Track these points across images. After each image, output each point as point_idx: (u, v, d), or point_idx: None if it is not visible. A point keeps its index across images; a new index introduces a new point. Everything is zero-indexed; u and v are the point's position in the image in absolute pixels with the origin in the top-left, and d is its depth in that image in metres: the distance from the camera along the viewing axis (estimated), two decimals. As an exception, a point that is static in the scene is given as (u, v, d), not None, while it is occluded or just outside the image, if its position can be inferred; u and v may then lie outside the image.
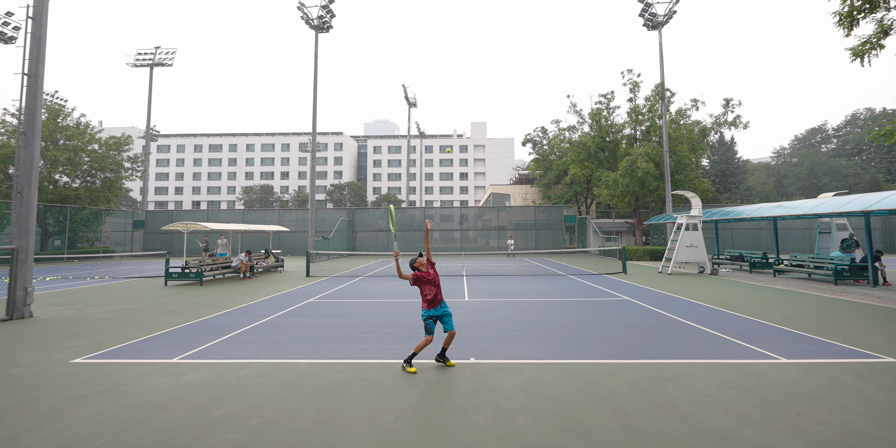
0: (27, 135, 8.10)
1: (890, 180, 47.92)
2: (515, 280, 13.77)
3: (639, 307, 8.68)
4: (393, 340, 6.06)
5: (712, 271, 15.57)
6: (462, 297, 10.03)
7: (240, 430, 3.30)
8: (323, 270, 17.85)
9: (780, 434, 3.16)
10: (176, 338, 6.32)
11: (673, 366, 4.81)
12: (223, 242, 18.47)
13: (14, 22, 22.96)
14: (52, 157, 24.47)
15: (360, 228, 31.85)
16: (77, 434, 3.25)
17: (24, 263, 7.83)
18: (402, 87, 40.34)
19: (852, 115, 62.63)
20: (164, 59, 32.60)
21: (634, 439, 3.10)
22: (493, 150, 77.06)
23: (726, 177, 48.09)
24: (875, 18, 8.12)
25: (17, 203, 7.94)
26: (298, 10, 22.82)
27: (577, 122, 29.51)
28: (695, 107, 26.12)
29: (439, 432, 3.24)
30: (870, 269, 11.57)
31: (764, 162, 71.99)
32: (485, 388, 4.17)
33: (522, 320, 7.41)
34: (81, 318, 7.82)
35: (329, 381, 4.38)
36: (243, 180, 74.27)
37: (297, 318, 7.72)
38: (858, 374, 4.49)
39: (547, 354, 5.31)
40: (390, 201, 60.00)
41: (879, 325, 6.81)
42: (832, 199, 12.31)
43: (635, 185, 23.45)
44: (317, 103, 23.81)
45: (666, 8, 22.41)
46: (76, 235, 26.85)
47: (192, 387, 4.25)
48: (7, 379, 4.52)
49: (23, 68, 8.47)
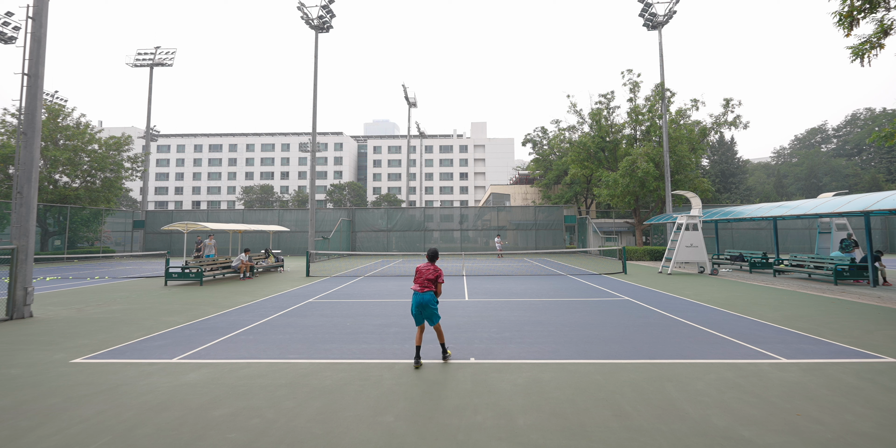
0: (27, 135, 8.10)
1: (890, 180, 47.91)
2: (515, 280, 13.76)
3: (639, 307, 8.68)
4: (393, 340, 6.06)
5: (712, 271, 15.57)
6: (462, 297, 10.03)
7: (240, 430, 3.30)
8: (323, 270, 17.84)
9: (780, 434, 3.16)
10: (176, 338, 6.32)
11: (673, 366, 4.81)
12: (211, 243, 18.41)
13: (14, 22, 22.95)
14: (52, 157, 24.46)
15: (360, 228, 31.85)
16: (77, 434, 3.25)
17: (24, 263, 7.83)
18: (402, 87, 40.34)
19: (852, 115, 62.67)
20: (164, 59, 32.60)
21: (634, 439, 3.10)
22: (493, 150, 77.06)
23: (726, 177, 48.09)
24: (875, 18, 8.12)
25: (17, 203, 7.94)
26: (298, 10, 22.83)
27: (577, 122, 29.52)
28: (695, 107, 26.12)
29: (439, 432, 3.24)
30: (870, 269, 11.57)
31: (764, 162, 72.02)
32: (485, 388, 4.17)
33: (522, 320, 7.41)
34: (81, 318, 7.82)
35: (329, 381, 4.38)
36: (243, 180, 74.26)
37: (297, 318, 7.72)
38: (858, 374, 4.49)
39: (547, 354, 5.31)
40: (390, 201, 60.00)
41: (879, 325, 6.81)
42: (832, 199, 12.30)
43: (635, 185, 23.44)
44: (317, 103, 23.81)
45: (666, 8, 22.40)
46: (76, 235, 26.84)
47: (191, 387, 4.25)
48: (7, 379, 4.52)
49: (23, 68, 8.47)
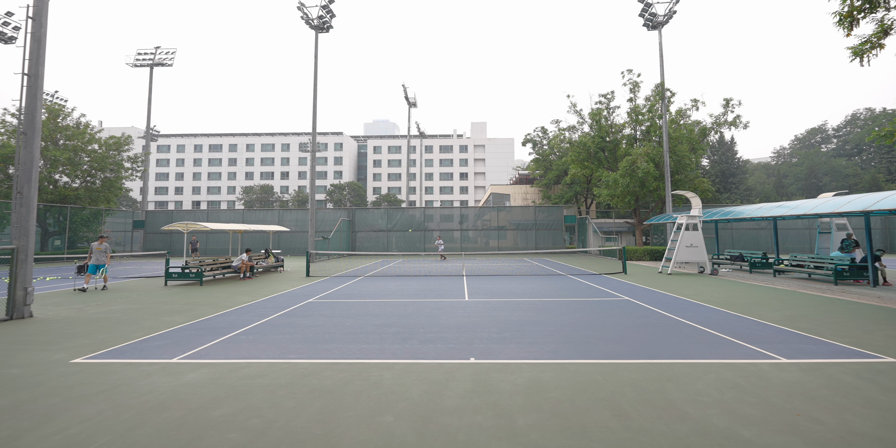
0: (27, 135, 8.10)
1: (890, 180, 47.91)
2: (515, 280, 13.76)
3: (639, 307, 8.68)
4: (393, 340, 6.06)
5: (712, 271, 15.57)
6: (462, 297, 10.02)
7: (240, 430, 3.30)
8: (323, 270, 17.84)
9: (780, 434, 3.16)
10: (176, 338, 6.32)
11: (673, 366, 4.80)
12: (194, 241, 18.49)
13: (14, 22, 22.96)
14: (52, 157, 24.46)
15: (360, 228, 31.84)
16: (77, 434, 3.25)
17: (24, 263, 7.83)
18: (402, 87, 40.34)
19: (852, 115, 62.65)
20: (163, 59, 32.59)
21: (634, 439, 3.09)
22: (493, 150, 77.05)
23: (726, 177, 48.09)
24: (875, 18, 8.12)
25: (17, 203, 7.93)
26: (298, 10, 22.83)
27: (577, 122, 29.53)
28: (695, 107, 26.14)
29: (439, 432, 3.24)
30: (870, 269, 11.56)
31: (764, 162, 72.00)
32: (485, 388, 4.17)
33: (522, 320, 7.41)
34: (81, 318, 7.82)
35: (329, 381, 4.37)
36: (243, 180, 74.26)
37: (297, 318, 7.72)
38: (858, 374, 4.48)
39: (547, 354, 5.31)
40: (390, 201, 59.98)
41: (879, 325, 6.81)
42: (832, 199, 12.30)
43: (635, 185, 23.44)
44: (317, 103, 23.81)
45: (666, 8, 22.40)
46: (76, 235, 26.84)
47: (191, 387, 4.24)
48: (7, 379, 4.52)
49: (23, 68, 8.46)
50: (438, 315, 7.85)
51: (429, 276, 15.05)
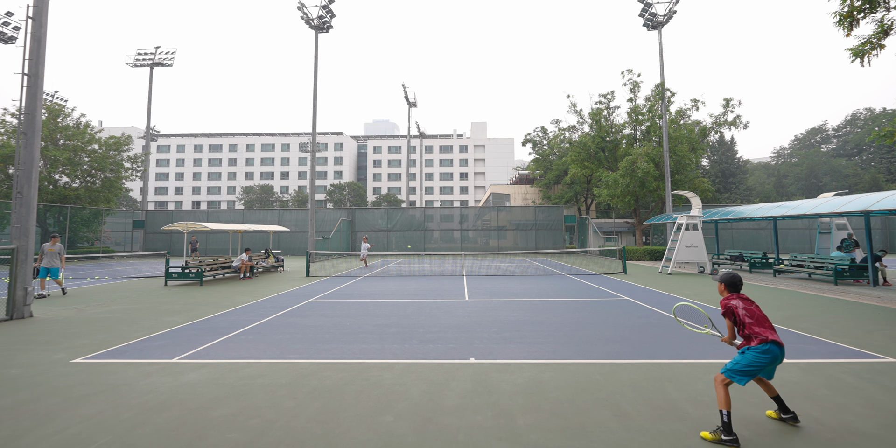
0: (27, 135, 8.10)
1: (890, 180, 47.92)
2: (515, 280, 13.76)
3: (639, 307, 8.68)
4: (393, 340, 6.06)
5: (712, 271, 15.57)
6: (462, 297, 10.02)
7: (240, 430, 3.30)
8: (323, 270, 17.84)
9: (780, 434, 3.16)
10: (176, 338, 6.32)
11: (673, 366, 4.80)
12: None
13: (14, 22, 22.96)
14: (52, 157, 24.45)
15: (360, 228, 31.84)
16: (77, 434, 3.25)
17: (24, 263, 7.83)
18: (402, 87, 40.34)
19: (852, 115, 62.66)
20: (163, 59, 32.60)
21: (634, 439, 3.09)
22: (493, 150, 77.05)
23: (726, 177, 48.09)
24: (875, 18, 8.12)
25: (17, 203, 7.93)
26: (298, 10, 22.83)
27: (577, 122, 29.56)
28: (695, 107, 26.15)
29: (439, 432, 3.24)
30: (870, 269, 11.56)
31: (764, 162, 72.01)
32: (485, 388, 4.17)
33: (522, 320, 7.40)
34: (81, 318, 7.82)
35: (329, 381, 4.37)
36: (243, 180, 74.25)
37: (297, 318, 7.72)
38: (858, 374, 4.49)
39: (547, 354, 5.31)
40: (390, 201, 59.92)
41: (879, 325, 6.81)
42: (832, 199, 12.30)
43: (635, 185, 23.45)
44: (317, 103, 23.82)
45: (666, 8, 22.41)
46: (76, 235, 26.82)
47: (191, 387, 4.24)
48: (7, 379, 4.52)
49: (23, 68, 8.46)
50: (438, 315, 7.85)
51: (429, 276, 15.05)
